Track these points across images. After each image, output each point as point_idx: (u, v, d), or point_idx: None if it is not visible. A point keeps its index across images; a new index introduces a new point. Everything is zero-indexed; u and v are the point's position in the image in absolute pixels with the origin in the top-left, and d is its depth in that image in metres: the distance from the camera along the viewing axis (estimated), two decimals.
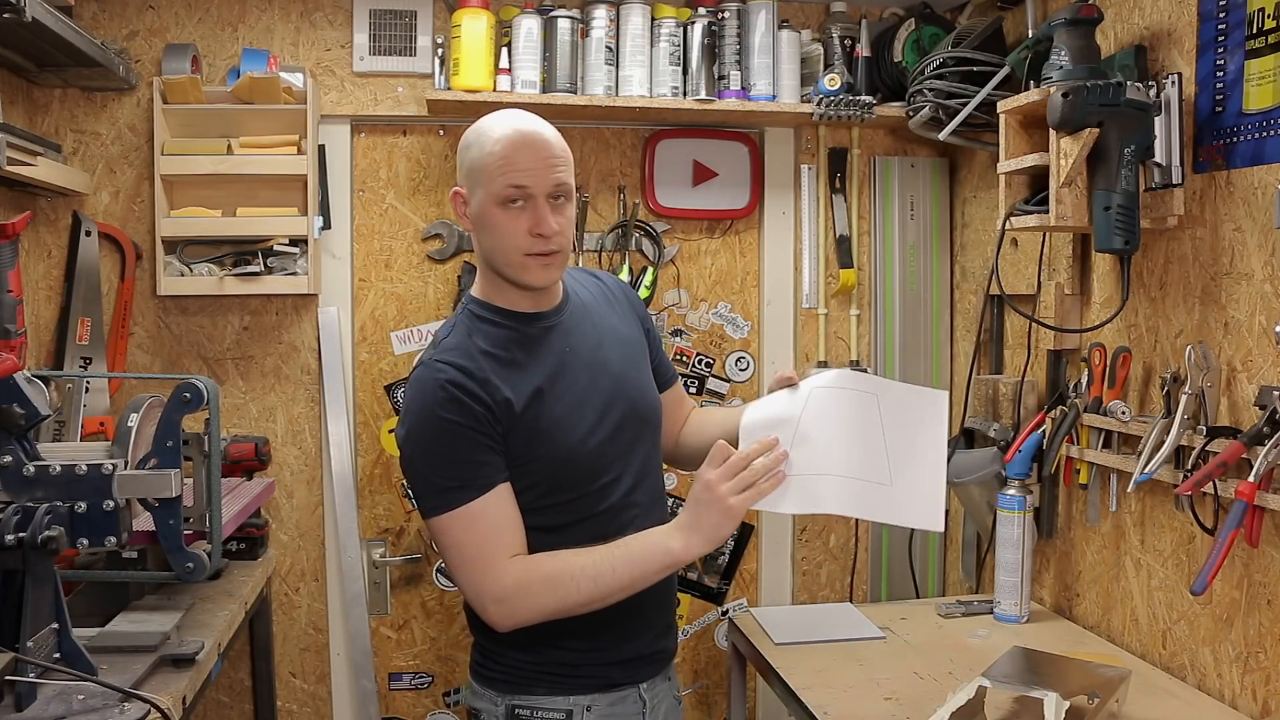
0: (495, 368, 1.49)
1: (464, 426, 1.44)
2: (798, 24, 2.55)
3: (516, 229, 1.47)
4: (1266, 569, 1.67)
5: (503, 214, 1.47)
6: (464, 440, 1.45)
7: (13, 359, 1.47)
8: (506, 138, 1.48)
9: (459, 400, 1.44)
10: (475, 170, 1.50)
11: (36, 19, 1.76)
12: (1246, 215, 1.71)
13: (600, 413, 1.55)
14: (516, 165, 1.46)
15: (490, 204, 1.48)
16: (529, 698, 1.53)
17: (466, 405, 1.45)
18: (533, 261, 1.49)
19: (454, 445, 1.45)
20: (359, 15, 2.44)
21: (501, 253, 1.50)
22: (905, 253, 2.71)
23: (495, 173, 1.47)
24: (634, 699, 1.58)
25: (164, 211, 2.29)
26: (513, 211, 1.47)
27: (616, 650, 1.56)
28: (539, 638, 1.50)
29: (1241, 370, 1.72)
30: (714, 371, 2.70)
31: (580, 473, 1.53)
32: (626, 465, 1.58)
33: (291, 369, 2.49)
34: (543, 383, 1.51)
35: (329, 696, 2.53)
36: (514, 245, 1.48)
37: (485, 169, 1.48)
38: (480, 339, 1.52)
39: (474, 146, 1.52)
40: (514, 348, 1.52)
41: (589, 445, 1.53)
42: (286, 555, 2.50)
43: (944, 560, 2.78)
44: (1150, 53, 1.91)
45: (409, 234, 2.55)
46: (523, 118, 1.52)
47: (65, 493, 1.47)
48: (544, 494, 1.51)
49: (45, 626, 1.42)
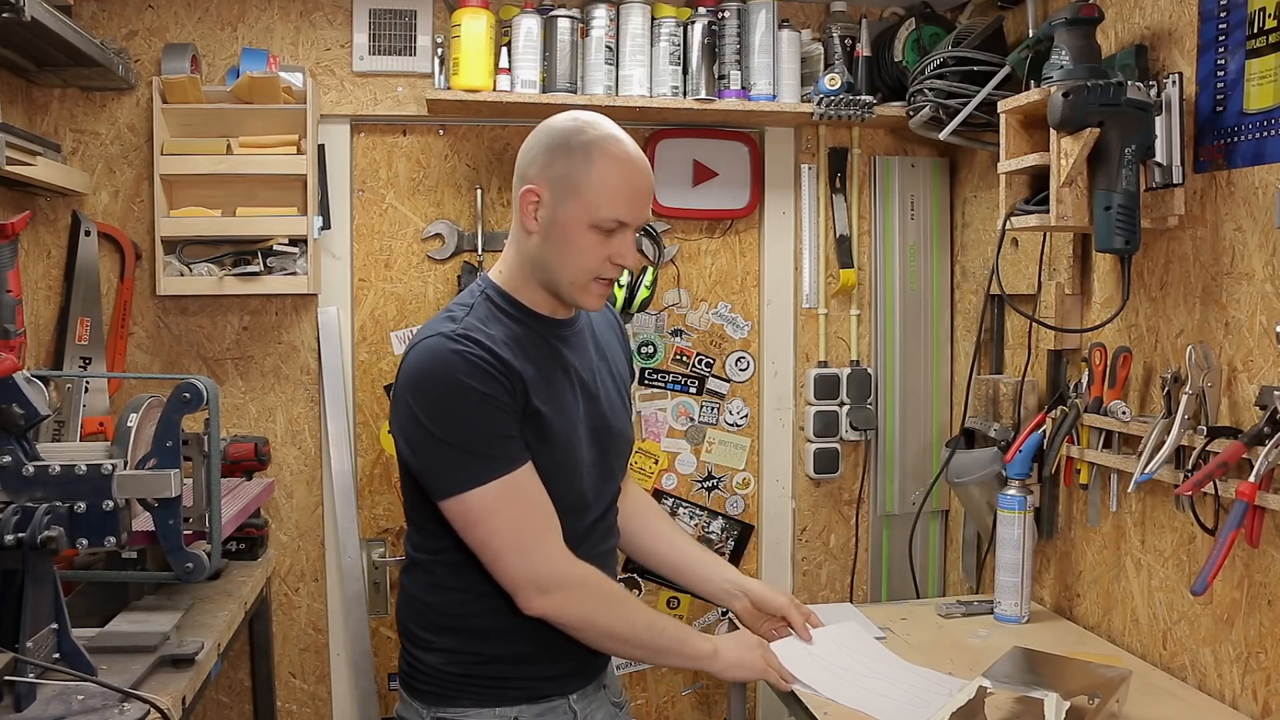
0: (512, 356, 1.45)
1: (495, 398, 1.40)
2: (798, 24, 2.55)
3: (598, 254, 1.45)
4: (1267, 569, 1.66)
5: (591, 237, 1.45)
6: (499, 411, 1.40)
7: (12, 359, 1.46)
8: (622, 165, 1.45)
9: (488, 372, 1.40)
10: (573, 182, 1.44)
11: (36, 19, 1.76)
12: (1247, 215, 1.71)
13: (590, 435, 1.54)
14: (628, 199, 1.44)
15: (581, 222, 1.44)
16: (454, 709, 1.49)
17: (495, 378, 1.40)
18: (596, 286, 1.49)
19: (489, 415, 1.39)
20: (359, 15, 2.44)
21: (570, 270, 1.47)
22: (905, 253, 2.71)
23: (603, 198, 1.43)
24: (564, 709, 1.54)
25: (163, 211, 2.29)
26: (601, 237, 1.45)
27: (545, 664, 1.51)
28: (467, 650, 1.48)
29: (1242, 370, 1.72)
30: (714, 371, 2.70)
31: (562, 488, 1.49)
32: (598, 495, 1.57)
33: (291, 369, 2.49)
34: (546, 391, 1.49)
35: (329, 696, 2.53)
36: (588, 268, 1.46)
37: (589, 187, 1.43)
38: (498, 327, 1.48)
39: (576, 156, 1.45)
40: (528, 345, 1.50)
41: (574, 463, 1.51)
42: (286, 555, 2.50)
43: (944, 560, 2.78)
44: (1151, 52, 1.91)
45: (409, 234, 2.54)
46: (632, 144, 1.48)
47: (65, 493, 1.47)
48: None
49: (45, 626, 1.42)
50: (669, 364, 2.68)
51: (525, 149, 1.51)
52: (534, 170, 1.48)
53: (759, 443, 2.73)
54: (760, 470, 2.74)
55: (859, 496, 2.74)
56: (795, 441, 2.72)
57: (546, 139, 1.49)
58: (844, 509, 2.75)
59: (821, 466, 2.67)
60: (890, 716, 1.65)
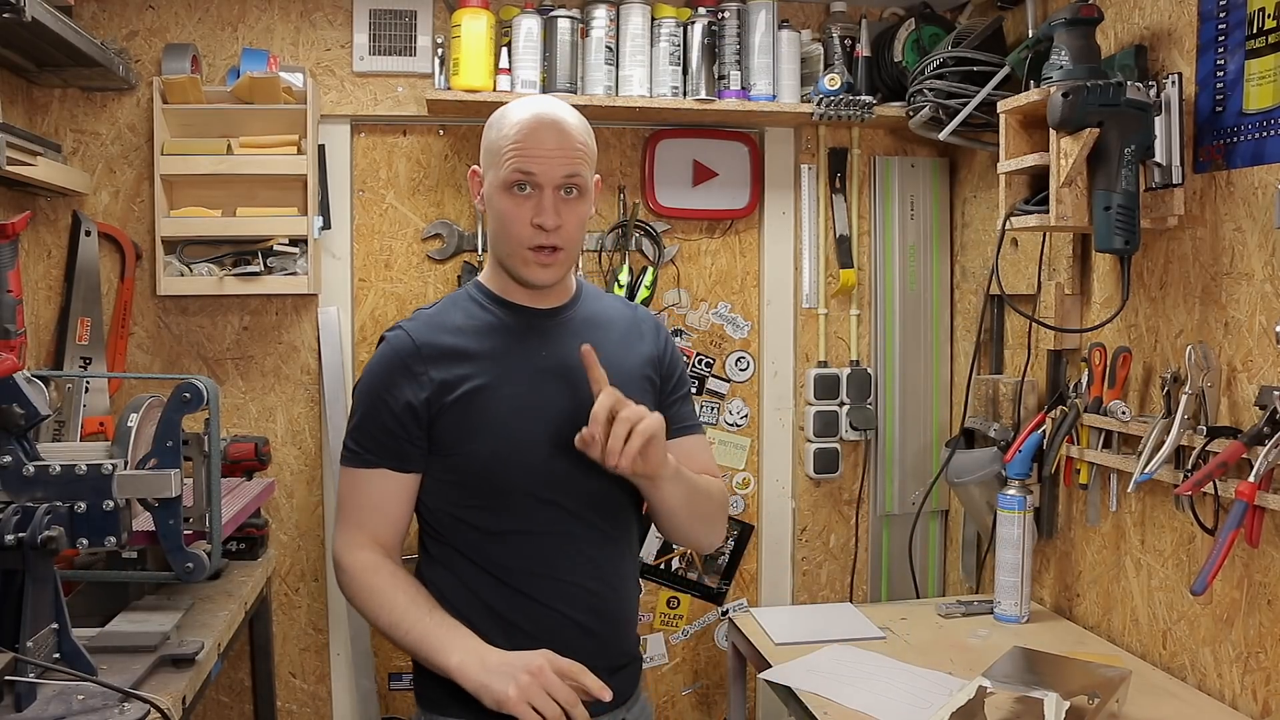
0: (453, 346, 1.48)
1: (387, 399, 1.47)
2: (798, 24, 2.55)
3: (519, 217, 1.44)
4: (1267, 569, 1.67)
5: (508, 200, 1.44)
6: (384, 412, 1.47)
7: (12, 359, 1.46)
8: (524, 120, 1.44)
9: (393, 372, 1.47)
10: (490, 150, 1.48)
11: (36, 19, 1.76)
12: (1247, 215, 1.71)
13: (550, 428, 1.46)
14: (528, 150, 1.43)
15: (498, 188, 1.45)
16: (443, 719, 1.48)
17: (398, 380, 1.47)
18: (533, 256, 1.46)
19: (374, 411, 1.48)
20: (359, 15, 2.44)
21: (504, 242, 1.48)
22: (905, 253, 2.71)
23: (506, 155, 1.44)
24: None
25: (164, 211, 2.29)
26: (518, 198, 1.44)
27: None
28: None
29: (1242, 370, 1.72)
30: (714, 371, 2.70)
31: (509, 482, 1.46)
32: (568, 492, 1.48)
33: (291, 369, 2.49)
34: (493, 379, 1.46)
35: (329, 696, 2.53)
36: (516, 235, 1.45)
37: (499, 150, 1.45)
38: (458, 315, 1.52)
39: (494, 126, 1.49)
40: (486, 334, 1.50)
41: (523, 456, 1.46)
42: (286, 555, 2.50)
43: (944, 560, 2.78)
44: (1150, 52, 1.91)
45: (409, 234, 2.55)
46: (548, 103, 1.49)
47: (65, 493, 1.47)
48: (471, 494, 1.47)
49: (45, 626, 1.42)
50: None
51: None
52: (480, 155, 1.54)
53: (759, 443, 2.74)
54: (760, 470, 2.74)
55: (859, 496, 2.74)
56: (795, 441, 2.72)
57: (486, 123, 1.53)
58: (844, 509, 2.75)
59: (821, 466, 2.67)
60: (890, 717, 1.65)
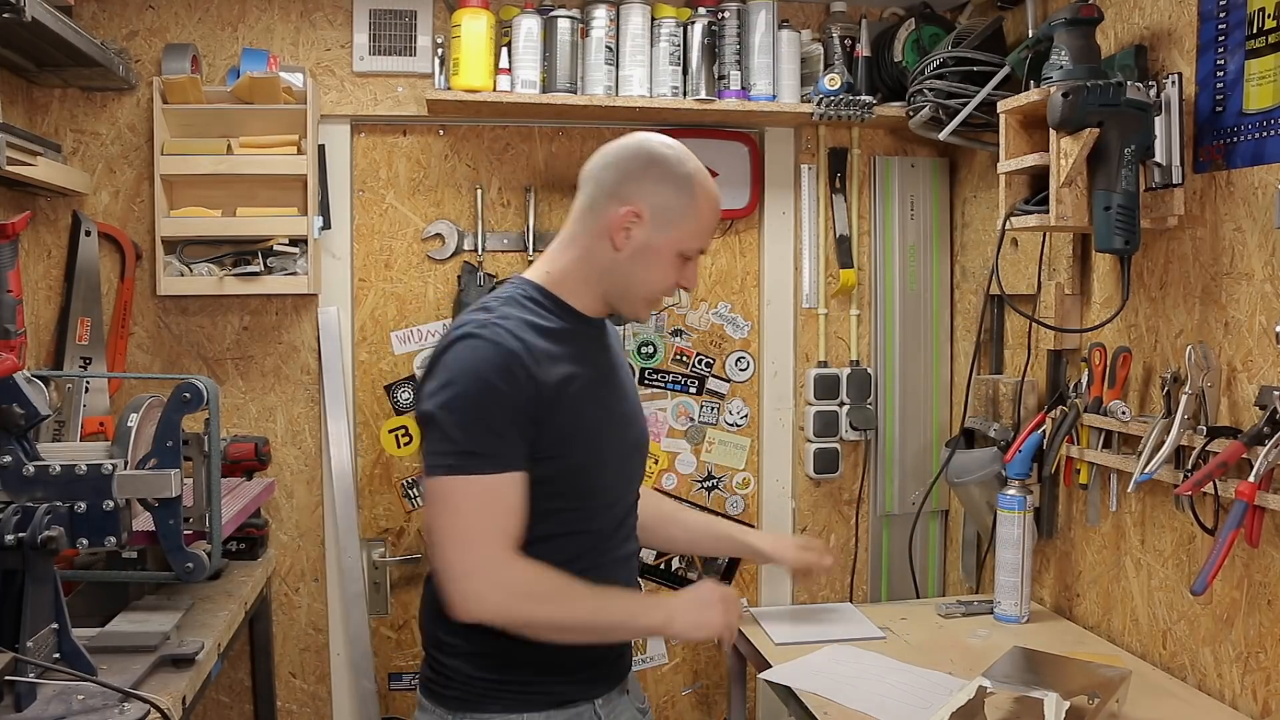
0: (550, 349, 1.46)
1: (509, 400, 1.40)
2: (798, 24, 2.55)
3: (671, 278, 1.54)
4: (1267, 569, 1.67)
5: (676, 263, 1.53)
6: (505, 412, 1.40)
7: (12, 359, 1.46)
8: (713, 204, 1.56)
9: (512, 372, 1.40)
10: (676, 213, 1.51)
11: (36, 19, 1.76)
12: (1247, 215, 1.71)
13: (623, 431, 1.58)
14: (710, 232, 1.56)
15: (672, 249, 1.52)
16: (480, 715, 1.48)
17: (518, 380, 1.40)
18: (655, 305, 1.59)
19: (493, 414, 1.40)
20: (359, 15, 2.44)
21: (646, 289, 1.54)
22: (905, 253, 2.71)
23: (695, 229, 1.53)
24: (589, 715, 1.53)
25: (164, 211, 2.29)
26: (681, 263, 1.54)
27: (571, 669, 1.51)
28: (495, 654, 1.47)
29: (1242, 370, 1.72)
30: (714, 371, 2.70)
31: (593, 483, 1.52)
32: (625, 492, 1.60)
33: (291, 369, 2.49)
34: (589, 380, 1.50)
35: (329, 696, 2.53)
36: (660, 289, 1.55)
37: (687, 217, 1.52)
38: (537, 319, 1.49)
39: (680, 186, 1.52)
40: (566, 339, 1.50)
41: (608, 458, 1.53)
42: (286, 555, 2.50)
43: (944, 560, 2.78)
44: (1150, 53, 1.91)
45: (409, 234, 2.55)
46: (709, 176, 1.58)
47: (65, 493, 1.47)
48: (552, 495, 1.47)
49: (45, 626, 1.42)
50: (669, 364, 2.68)
51: (616, 165, 1.52)
52: (633, 191, 1.50)
53: (759, 443, 2.74)
54: (760, 470, 2.74)
55: (859, 496, 2.74)
56: (795, 441, 2.72)
57: (647, 162, 1.52)
58: (844, 509, 2.75)
59: (821, 466, 2.67)
60: (890, 717, 1.65)
